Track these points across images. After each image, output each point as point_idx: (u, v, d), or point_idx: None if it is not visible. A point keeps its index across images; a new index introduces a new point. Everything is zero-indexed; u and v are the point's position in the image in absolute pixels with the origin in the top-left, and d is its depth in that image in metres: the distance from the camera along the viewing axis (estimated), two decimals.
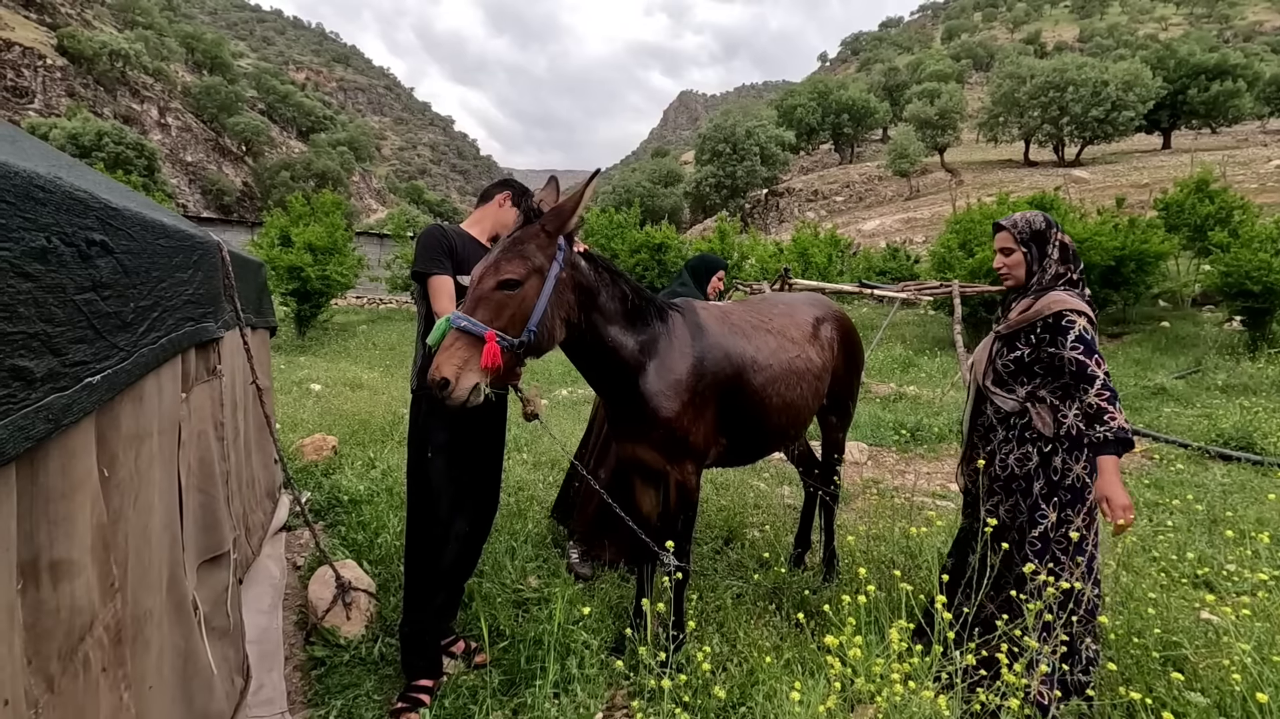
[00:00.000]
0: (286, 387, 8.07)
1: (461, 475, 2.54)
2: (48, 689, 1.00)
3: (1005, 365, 2.33)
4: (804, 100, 60.40)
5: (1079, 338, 2.12)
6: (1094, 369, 2.07)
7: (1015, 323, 2.29)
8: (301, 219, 17.33)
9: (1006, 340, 2.34)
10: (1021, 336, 2.28)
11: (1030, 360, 2.26)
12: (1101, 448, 2.04)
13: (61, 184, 1.00)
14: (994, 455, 2.37)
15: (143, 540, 1.43)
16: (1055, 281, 2.29)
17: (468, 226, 2.67)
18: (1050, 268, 2.29)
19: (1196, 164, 21.27)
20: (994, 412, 2.38)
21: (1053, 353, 2.18)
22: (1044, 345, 2.21)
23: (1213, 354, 10.46)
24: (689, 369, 2.40)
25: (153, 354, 1.42)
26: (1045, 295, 2.25)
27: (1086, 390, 2.07)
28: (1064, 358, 2.14)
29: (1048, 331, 2.21)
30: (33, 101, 52.08)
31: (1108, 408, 2.02)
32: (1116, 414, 2.02)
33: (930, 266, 14.75)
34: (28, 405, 0.89)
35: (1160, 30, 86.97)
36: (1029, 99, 43.65)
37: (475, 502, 2.65)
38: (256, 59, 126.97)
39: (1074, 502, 2.21)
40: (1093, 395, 2.05)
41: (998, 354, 2.38)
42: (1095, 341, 2.14)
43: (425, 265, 2.43)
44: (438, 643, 2.55)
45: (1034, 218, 2.35)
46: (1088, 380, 2.07)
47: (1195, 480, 5.08)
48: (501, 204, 2.68)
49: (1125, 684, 2.23)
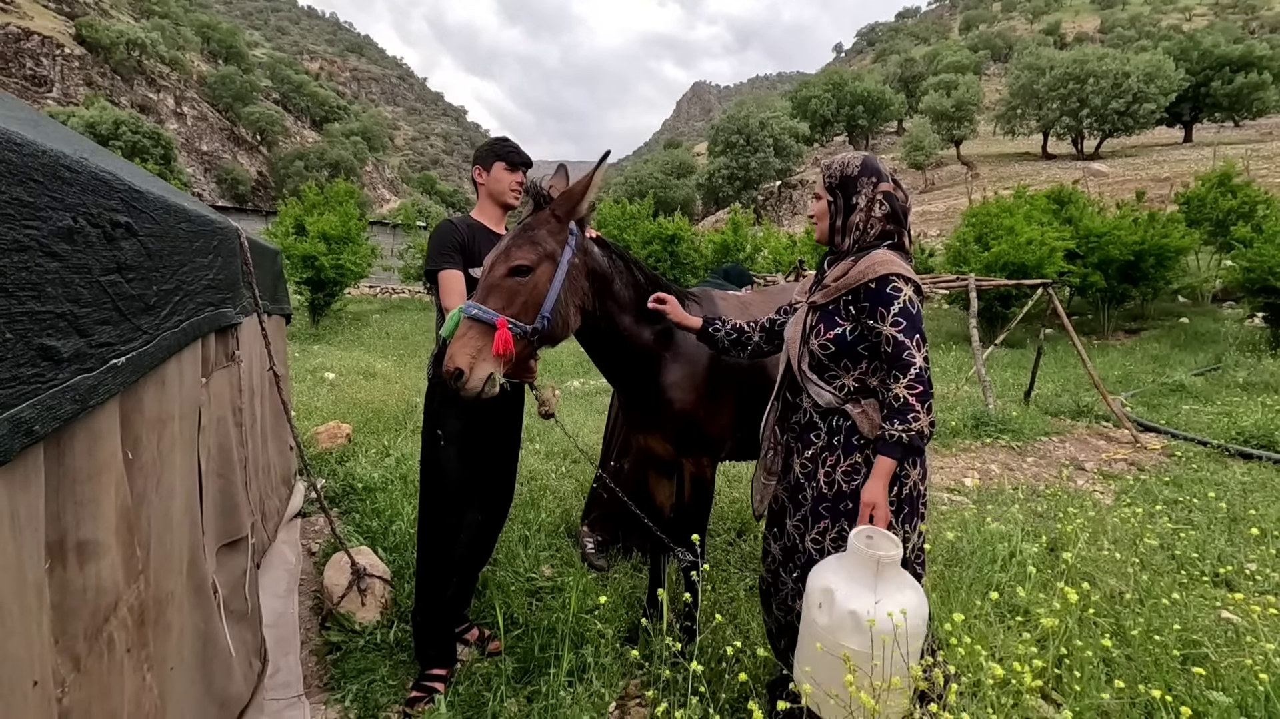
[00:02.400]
0: (301, 375, 8.13)
1: (474, 464, 2.54)
2: (74, 668, 1.01)
3: (824, 346, 1.87)
4: (818, 92, 59.89)
5: (903, 310, 1.74)
6: (912, 353, 1.71)
7: (835, 289, 1.86)
8: (315, 208, 17.44)
9: (826, 315, 1.89)
10: (841, 309, 1.86)
11: (854, 340, 1.83)
12: (889, 448, 1.71)
13: (88, 165, 1.00)
14: (815, 465, 1.91)
15: (164, 523, 1.44)
16: (880, 241, 1.88)
17: (475, 214, 2.65)
18: (874, 226, 1.87)
19: (1219, 158, 20.91)
20: (812, 405, 1.93)
21: (873, 326, 1.78)
22: (864, 318, 1.80)
23: (1233, 351, 10.31)
24: (706, 361, 2.38)
25: (174, 338, 1.43)
26: (867, 256, 1.83)
27: (898, 379, 1.72)
28: (882, 334, 1.76)
29: (869, 300, 1.79)
30: (51, 90, 52.57)
31: (915, 405, 1.69)
32: (922, 414, 1.69)
33: (945, 260, 14.61)
34: (55, 385, 0.89)
35: (1184, 21, 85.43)
36: (1048, 91, 43.02)
37: (489, 491, 2.66)
38: (271, 49, 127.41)
39: (911, 516, 1.84)
40: (902, 386, 1.70)
41: (813, 332, 1.92)
42: (921, 318, 1.77)
43: (434, 262, 2.43)
44: (451, 632, 2.56)
45: (851, 159, 1.92)
46: (901, 367, 1.72)
47: (1215, 479, 5.01)
48: (480, 177, 2.63)
49: (1144, 682, 2.21)
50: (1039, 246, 11.91)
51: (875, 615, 1.50)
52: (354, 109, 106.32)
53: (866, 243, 1.88)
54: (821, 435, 1.90)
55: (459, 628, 2.74)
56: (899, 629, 1.46)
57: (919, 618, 1.55)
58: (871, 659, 1.47)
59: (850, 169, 1.90)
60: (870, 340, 1.80)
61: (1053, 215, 14.57)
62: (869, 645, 1.49)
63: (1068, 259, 12.51)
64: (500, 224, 2.67)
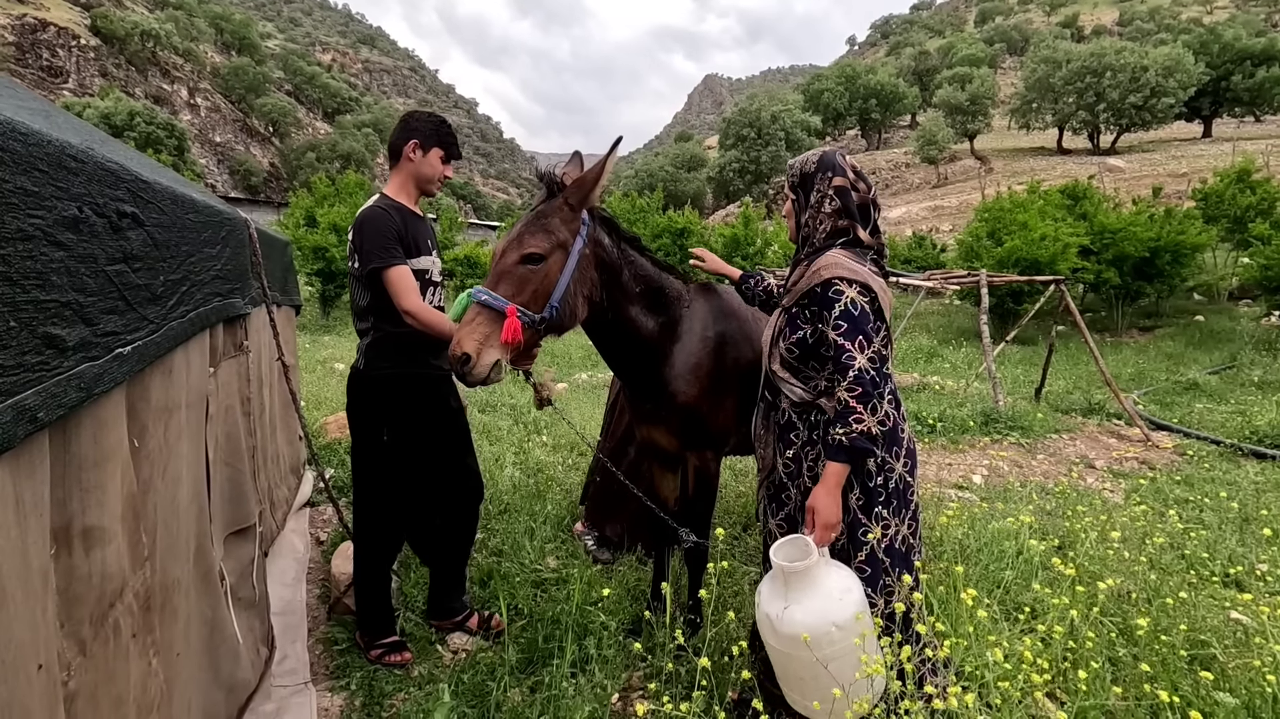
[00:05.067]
0: (311, 365, 8.19)
1: (425, 460, 2.54)
2: (80, 653, 1.02)
3: (789, 349, 1.87)
4: (831, 85, 59.37)
5: (844, 313, 1.71)
6: (851, 354, 1.68)
7: (794, 295, 1.85)
8: (326, 200, 17.54)
9: (791, 319, 1.88)
10: (802, 313, 1.84)
11: (814, 343, 1.82)
12: (834, 453, 1.70)
13: (94, 155, 1.01)
14: (798, 465, 1.91)
15: (171, 511, 1.45)
16: (833, 239, 1.84)
17: (393, 194, 2.43)
18: (823, 223, 1.82)
19: (1238, 153, 20.59)
20: (789, 404, 1.93)
21: (820, 329, 1.76)
22: (816, 321, 1.79)
23: (1249, 349, 10.18)
24: (710, 353, 2.37)
25: (182, 328, 1.44)
26: (818, 257, 1.81)
27: (838, 382, 1.69)
28: (828, 338, 1.74)
29: (815, 304, 1.78)
30: (67, 81, 52.99)
31: (856, 407, 1.66)
32: (865, 416, 1.66)
33: (957, 256, 14.50)
34: (60, 373, 0.90)
35: (1204, 14, 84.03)
36: (1064, 84, 42.43)
37: (447, 485, 2.66)
38: (284, 40, 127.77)
39: (900, 508, 1.85)
40: (843, 389, 1.68)
41: (781, 334, 1.92)
42: (866, 318, 1.72)
43: (379, 258, 2.25)
44: (390, 607, 2.65)
45: (811, 156, 1.88)
46: (842, 370, 1.69)
47: (1227, 478, 4.96)
48: (412, 154, 2.40)
49: (1151, 682, 2.19)
50: (1052, 242, 11.80)
51: (783, 620, 1.66)
52: (366, 101, 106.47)
53: (817, 243, 1.86)
54: (801, 434, 1.91)
55: (458, 617, 2.78)
56: (813, 632, 1.60)
57: (826, 621, 1.63)
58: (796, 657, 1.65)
59: (809, 165, 1.87)
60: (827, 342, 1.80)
61: (1067, 211, 14.43)
62: (786, 645, 1.66)
63: (1082, 255, 12.38)
64: (417, 207, 2.51)
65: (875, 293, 1.76)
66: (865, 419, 1.66)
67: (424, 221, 2.52)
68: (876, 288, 1.77)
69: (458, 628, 2.76)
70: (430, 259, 2.47)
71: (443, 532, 2.71)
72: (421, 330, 2.24)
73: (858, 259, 1.81)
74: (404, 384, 2.45)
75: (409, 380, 2.46)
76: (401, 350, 2.40)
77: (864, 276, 1.76)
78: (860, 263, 1.81)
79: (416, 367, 2.46)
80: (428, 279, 2.45)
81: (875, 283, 1.77)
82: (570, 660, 2.39)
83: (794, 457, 1.93)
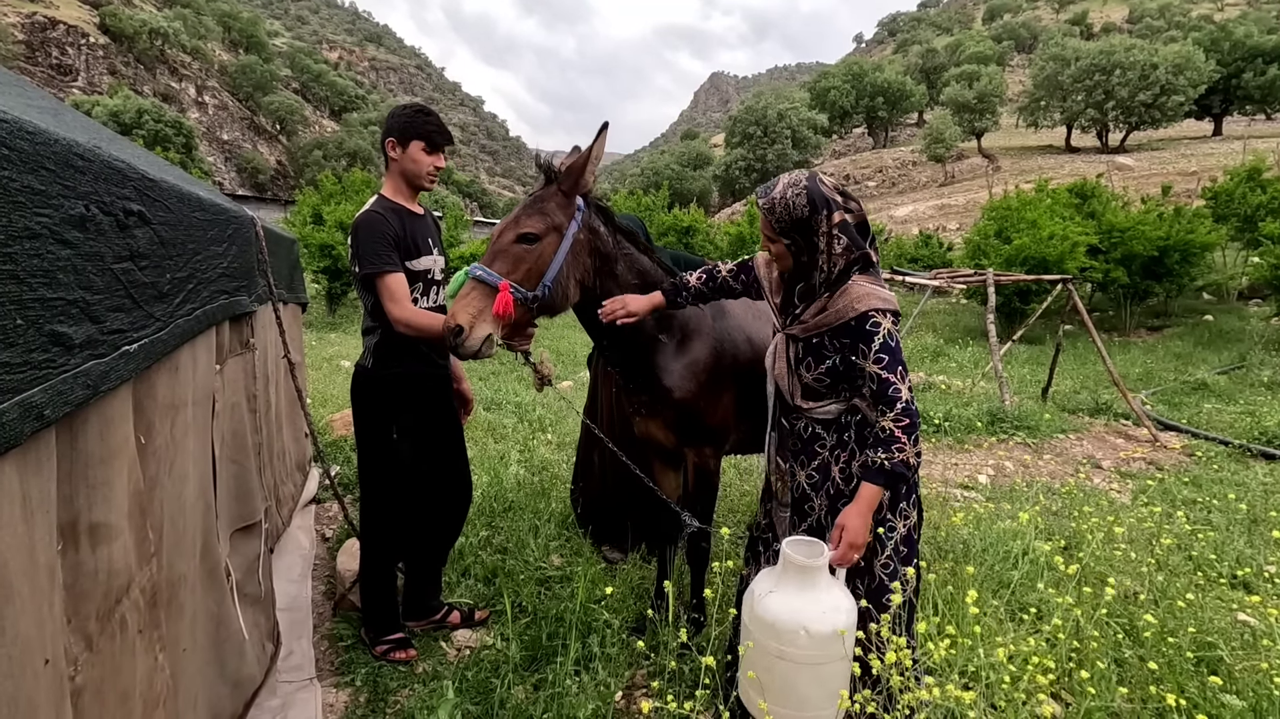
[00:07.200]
0: (317, 363, 8.22)
1: (429, 457, 2.55)
2: (86, 648, 1.03)
3: (818, 379, 1.88)
4: (837, 82, 59.15)
5: (884, 345, 1.73)
6: (898, 388, 1.71)
7: (814, 327, 1.86)
8: (333, 198, 17.57)
9: (813, 349, 1.89)
10: (827, 343, 1.86)
11: (845, 369, 1.84)
12: (873, 475, 1.72)
13: (100, 153, 1.01)
14: (825, 471, 1.93)
15: (177, 507, 1.46)
16: (850, 269, 1.83)
17: (389, 195, 2.41)
18: (837, 263, 1.81)
19: (1249, 152, 20.42)
20: (814, 422, 1.96)
21: (855, 362, 1.79)
22: (847, 353, 1.81)
23: (1258, 349, 10.09)
24: (708, 350, 2.37)
25: (188, 325, 1.44)
26: (844, 291, 1.80)
27: (884, 413, 1.72)
28: (867, 371, 1.76)
29: (849, 337, 1.79)
30: (76, 79, 53.30)
31: (901, 438, 1.69)
32: (908, 446, 1.69)
33: (964, 254, 14.42)
34: (67, 371, 0.91)
35: (1215, 11, 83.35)
36: (1073, 82, 42.14)
37: (445, 481, 2.67)
38: (291, 38, 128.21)
39: (910, 558, 1.90)
40: (889, 419, 1.70)
41: (802, 364, 1.91)
42: (900, 346, 1.77)
43: (373, 263, 2.24)
44: (395, 605, 2.67)
45: (794, 200, 1.79)
46: (888, 403, 1.71)
47: (1236, 479, 4.92)
48: (392, 152, 2.37)
49: (1157, 684, 2.18)
50: (1060, 241, 11.71)
51: (762, 603, 1.69)
52: (372, 98, 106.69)
53: (833, 278, 1.83)
54: (828, 444, 1.93)
55: (436, 615, 2.80)
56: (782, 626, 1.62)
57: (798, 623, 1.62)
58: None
59: (798, 210, 1.79)
60: (860, 369, 1.80)
61: (1075, 209, 14.32)
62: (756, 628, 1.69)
63: (1090, 254, 12.29)
64: (416, 204, 2.47)
65: (898, 317, 1.81)
66: (907, 449, 1.70)
67: (425, 219, 2.51)
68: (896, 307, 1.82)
69: (437, 627, 2.77)
70: (432, 258, 2.46)
71: (430, 531, 2.71)
72: (416, 337, 2.25)
73: (876, 280, 1.84)
74: (413, 383, 2.48)
75: (418, 379, 2.49)
76: (409, 350, 2.41)
77: (893, 303, 1.79)
78: (881, 284, 1.83)
79: (424, 365, 2.49)
80: (430, 278, 2.45)
81: (896, 308, 1.81)
82: (574, 658, 2.40)
83: (819, 465, 1.94)
